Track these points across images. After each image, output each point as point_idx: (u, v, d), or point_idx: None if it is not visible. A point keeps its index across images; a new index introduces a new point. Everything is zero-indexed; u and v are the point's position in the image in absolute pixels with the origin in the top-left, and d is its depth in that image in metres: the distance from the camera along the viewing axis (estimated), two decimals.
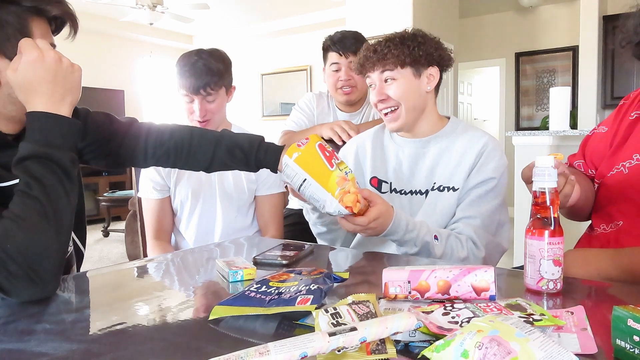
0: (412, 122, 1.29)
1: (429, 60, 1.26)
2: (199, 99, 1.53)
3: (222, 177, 1.62)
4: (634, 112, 1.13)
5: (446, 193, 1.24)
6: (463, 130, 1.32)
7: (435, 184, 1.26)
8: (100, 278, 1.02)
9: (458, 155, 1.26)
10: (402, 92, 1.25)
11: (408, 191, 1.31)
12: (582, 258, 0.98)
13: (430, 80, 1.28)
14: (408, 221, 1.10)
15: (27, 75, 0.82)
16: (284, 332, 0.65)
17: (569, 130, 3.24)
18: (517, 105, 6.60)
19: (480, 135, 1.28)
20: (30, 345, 0.63)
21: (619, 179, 1.08)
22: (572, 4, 5.88)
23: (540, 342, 0.47)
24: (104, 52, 7.05)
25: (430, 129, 1.32)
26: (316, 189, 0.99)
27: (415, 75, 1.26)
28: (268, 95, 7.86)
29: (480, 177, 1.22)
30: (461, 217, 1.21)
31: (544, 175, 0.77)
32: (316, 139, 1.03)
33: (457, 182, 1.24)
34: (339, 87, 1.94)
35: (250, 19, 7.33)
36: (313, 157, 1.00)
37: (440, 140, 1.31)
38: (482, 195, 1.22)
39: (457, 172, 1.24)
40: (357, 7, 4.88)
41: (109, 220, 5.77)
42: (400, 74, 1.25)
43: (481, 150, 1.25)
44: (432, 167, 1.29)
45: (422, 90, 1.27)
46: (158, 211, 1.62)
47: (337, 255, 1.17)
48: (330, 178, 0.98)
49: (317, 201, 1.00)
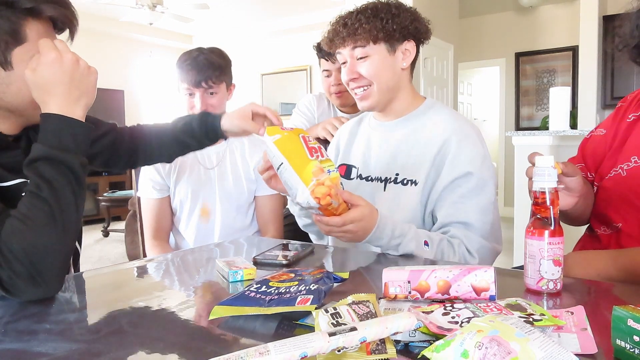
0: (385, 101, 1.20)
1: (404, 34, 1.15)
2: (200, 92, 1.54)
3: (222, 177, 1.62)
4: (632, 115, 1.12)
5: (408, 187, 1.15)
6: (434, 113, 1.20)
7: (397, 175, 1.17)
8: (100, 278, 1.02)
9: (422, 143, 1.16)
10: (375, 70, 1.15)
11: (372, 177, 1.22)
12: (582, 259, 0.98)
13: (406, 56, 1.18)
14: (394, 226, 1.02)
15: (45, 75, 0.82)
16: (284, 332, 0.65)
17: (569, 130, 3.24)
18: (517, 105, 6.60)
19: (449, 122, 1.17)
20: (31, 345, 0.63)
21: (617, 182, 1.08)
22: (572, 4, 5.88)
23: (540, 342, 0.47)
24: (104, 52, 7.05)
25: (403, 109, 1.22)
26: (290, 175, 0.93)
27: (389, 52, 1.15)
28: (268, 95, 7.86)
29: (455, 172, 1.11)
30: (449, 222, 1.11)
31: (544, 175, 0.77)
32: (300, 131, 0.98)
33: (418, 176, 1.14)
34: (332, 92, 1.97)
35: (250, 19, 7.33)
36: (293, 143, 0.95)
37: (407, 124, 1.21)
38: (465, 194, 1.10)
39: (419, 163, 1.15)
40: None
41: (108, 220, 5.77)
42: (373, 50, 1.14)
43: (445, 141, 1.13)
44: (395, 153, 1.20)
45: (397, 68, 1.17)
46: (157, 211, 1.62)
47: (337, 255, 1.17)
48: (307, 167, 0.92)
49: (290, 188, 0.95)
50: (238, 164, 1.64)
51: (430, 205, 1.15)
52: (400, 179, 1.17)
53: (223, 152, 1.65)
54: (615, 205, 1.08)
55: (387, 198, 1.18)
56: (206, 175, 1.62)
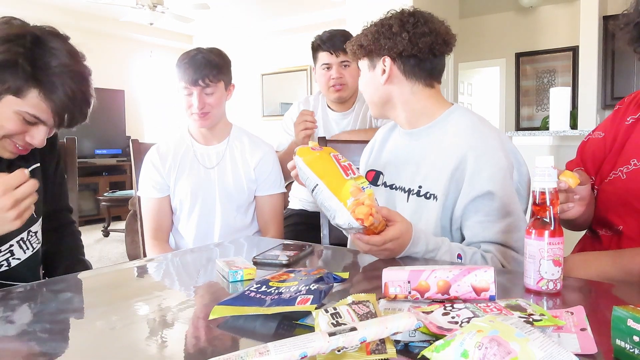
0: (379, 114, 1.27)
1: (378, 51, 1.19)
2: (197, 90, 1.53)
3: (222, 177, 1.62)
4: (630, 117, 1.12)
5: (429, 202, 1.14)
6: (453, 123, 1.18)
7: (420, 188, 1.16)
8: (100, 278, 1.02)
9: (442, 154, 1.15)
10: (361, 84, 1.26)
11: (396, 186, 1.23)
12: (582, 261, 0.98)
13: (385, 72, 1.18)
14: (428, 240, 1.01)
15: None
16: (284, 332, 0.65)
17: (569, 130, 3.24)
18: (517, 106, 6.60)
19: (466, 135, 1.14)
20: (31, 345, 0.63)
21: (617, 185, 1.07)
22: (572, 4, 5.88)
23: (540, 342, 0.47)
24: (104, 52, 7.04)
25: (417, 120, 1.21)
26: (327, 197, 0.92)
27: (369, 67, 1.22)
28: (268, 95, 7.87)
29: (475, 190, 1.08)
30: (479, 242, 1.09)
31: (544, 175, 0.77)
32: (330, 150, 0.97)
33: (437, 190, 1.13)
34: (331, 85, 1.96)
35: (250, 19, 7.33)
36: (327, 163, 0.94)
37: (430, 132, 1.20)
38: (490, 213, 1.08)
39: (439, 177, 1.13)
40: (357, 7, 4.88)
41: (109, 220, 5.76)
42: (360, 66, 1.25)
43: (464, 156, 1.10)
44: (419, 163, 1.19)
45: (377, 83, 1.20)
46: (157, 210, 1.62)
47: (337, 255, 1.17)
48: (344, 187, 0.91)
49: (327, 210, 0.94)
50: (238, 164, 1.64)
51: (456, 223, 1.13)
52: (423, 192, 1.16)
53: (223, 152, 1.65)
54: (615, 209, 1.07)
55: (410, 209, 1.17)
56: (206, 174, 1.62)
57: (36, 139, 1.01)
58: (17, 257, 1.07)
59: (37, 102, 0.96)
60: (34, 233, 1.10)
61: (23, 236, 1.07)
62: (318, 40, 1.98)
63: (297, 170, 0.97)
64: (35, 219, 1.10)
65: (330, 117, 2.09)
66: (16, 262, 1.07)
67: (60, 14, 6.22)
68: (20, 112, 0.96)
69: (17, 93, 0.94)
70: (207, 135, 1.64)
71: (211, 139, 1.65)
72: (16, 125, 0.97)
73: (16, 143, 1.01)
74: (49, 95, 0.96)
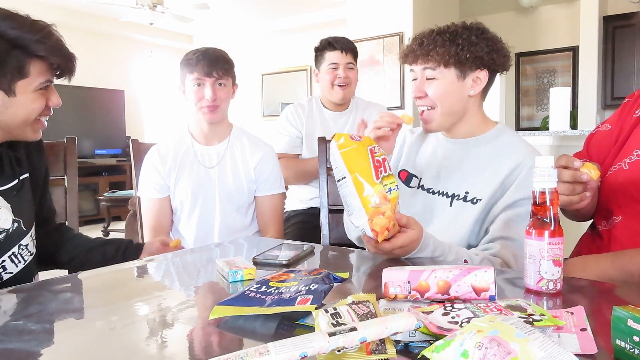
0: (448, 124, 1.21)
1: (477, 63, 1.16)
2: (210, 81, 1.54)
3: (222, 177, 1.62)
4: (638, 110, 1.13)
5: (472, 205, 1.16)
6: (507, 138, 1.22)
7: (467, 194, 1.18)
8: (100, 278, 1.02)
9: (495, 164, 1.17)
10: (440, 93, 1.16)
11: (436, 191, 1.23)
12: (581, 263, 0.99)
13: (476, 84, 1.18)
14: (435, 246, 1.02)
15: None
16: (284, 332, 0.65)
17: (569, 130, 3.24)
18: (517, 106, 6.59)
19: (522, 148, 1.18)
20: (30, 345, 0.63)
21: (620, 175, 1.08)
22: (572, 4, 5.88)
23: (540, 343, 0.47)
24: (104, 52, 7.05)
25: (471, 132, 1.23)
26: (351, 194, 0.92)
27: (458, 78, 1.16)
28: (268, 95, 7.87)
29: (520, 194, 1.11)
30: (498, 237, 1.11)
31: (544, 175, 0.77)
32: (369, 142, 0.95)
33: (484, 194, 1.15)
34: (337, 84, 2.05)
35: (250, 19, 7.33)
36: (362, 159, 0.92)
37: (480, 144, 1.22)
38: (522, 214, 1.10)
39: (489, 183, 1.15)
40: (357, 7, 4.88)
41: (109, 220, 5.76)
42: (442, 74, 1.15)
43: (520, 163, 1.14)
44: (466, 171, 1.20)
45: (464, 94, 1.18)
46: (157, 211, 1.62)
47: (337, 255, 1.17)
48: (371, 189, 0.90)
49: (347, 205, 0.94)
50: (238, 164, 1.64)
51: (488, 222, 1.15)
52: (469, 198, 1.17)
53: (223, 152, 1.65)
54: (616, 199, 1.08)
55: (452, 213, 1.18)
56: (206, 174, 1.62)
57: (55, 100, 1.08)
58: (9, 271, 1.07)
59: (40, 68, 1.02)
60: (25, 246, 1.10)
61: (14, 250, 1.07)
62: (325, 41, 2.07)
63: (330, 155, 0.96)
64: (25, 231, 1.09)
65: (327, 116, 2.14)
66: (8, 275, 1.06)
67: (60, 14, 6.22)
68: (36, 87, 1.03)
69: (22, 74, 1.00)
70: (208, 134, 1.64)
71: (212, 138, 1.65)
72: (41, 100, 1.05)
73: (41, 119, 1.08)
74: (41, 54, 1.01)
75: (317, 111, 2.15)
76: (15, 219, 1.08)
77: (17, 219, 1.08)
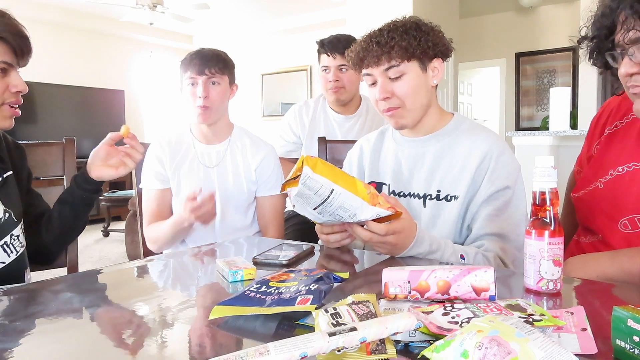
0: (417, 119, 1.20)
1: (434, 51, 1.16)
2: (203, 80, 1.54)
3: (222, 178, 1.62)
4: (607, 129, 1.14)
5: (450, 203, 1.15)
6: (467, 129, 1.22)
7: (439, 192, 1.17)
8: (100, 278, 1.02)
9: (461, 158, 1.17)
10: (411, 89, 1.14)
11: (407, 193, 1.23)
12: (581, 263, 0.99)
13: (435, 74, 1.18)
14: (432, 241, 1.02)
15: None
16: (284, 332, 0.65)
17: (569, 130, 3.24)
18: (517, 106, 6.60)
19: (484, 137, 1.18)
20: (31, 345, 0.63)
21: (595, 194, 1.09)
22: (572, 4, 5.88)
23: (540, 343, 0.47)
24: (104, 52, 7.05)
25: (433, 126, 1.23)
26: (347, 197, 0.93)
27: (422, 69, 1.16)
28: (268, 95, 7.87)
29: (494, 186, 1.12)
30: (484, 234, 1.12)
31: (543, 175, 0.77)
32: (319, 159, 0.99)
33: (459, 190, 1.15)
34: (329, 88, 2.02)
35: (250, 19, 7.33)
36: (332, 168, 0.95)
37: (441, 139, 1.21)
38: (500, 208, 1.11)
39: (460, 178, 1.15)
40: (357, 7, 4.88)
41: (109, 220, 5.76)
42: (408, 68, 1.14)
43: (486, 154, 1.14)
44: (433, 168, 1.20)
45: (429, 85, 1.18)
46: (158, 200, 1.61)
47: (337, 255, 1.17)
48: (356, 184, 0.93)
49: (346, 210, 0.94)
50: (239, 164, 1.64)
51: (469, 219, 1.16)
52: (442, 196, 1.17)
53: (224, 152, 1.65)
54: (593, 218, 1.09)
55: (427, 214, 1.18)
56: (206, 174, 1.62)
57: (19, 84, 1.08)
58: (1, 261, 1.08)
59: None
60: (17, 237, 1.12)
61: (6, 240, 1.09)
62: (320, 42, 2.04)
63: (307, 188, 0.92)
64: (15, 222, 1.12)
65: (332, 118, 2.11)
66: (1, 265, 1.08)
67: (60, 14, 6.22)
68: None
69: None
70: (209, 134, 1.64)
71: (212, 138, 1.65)
72: None
73: (9, 103, 1.08)
74: None
75: (323, 113, 2.11)
76: (7, 209, 1.10)
77: (8, 210, 1.11)
